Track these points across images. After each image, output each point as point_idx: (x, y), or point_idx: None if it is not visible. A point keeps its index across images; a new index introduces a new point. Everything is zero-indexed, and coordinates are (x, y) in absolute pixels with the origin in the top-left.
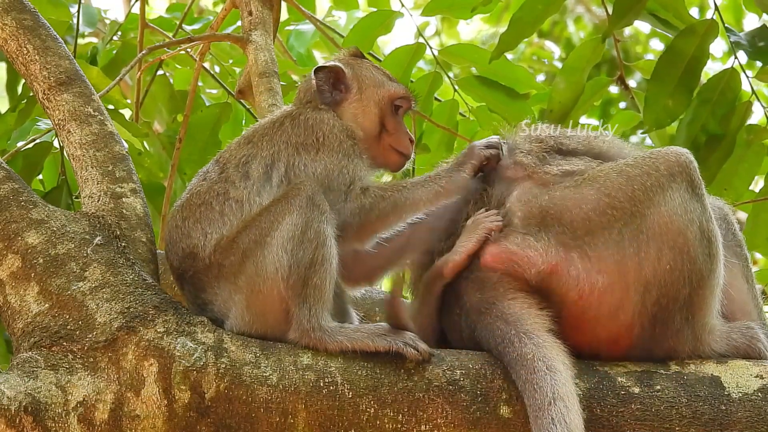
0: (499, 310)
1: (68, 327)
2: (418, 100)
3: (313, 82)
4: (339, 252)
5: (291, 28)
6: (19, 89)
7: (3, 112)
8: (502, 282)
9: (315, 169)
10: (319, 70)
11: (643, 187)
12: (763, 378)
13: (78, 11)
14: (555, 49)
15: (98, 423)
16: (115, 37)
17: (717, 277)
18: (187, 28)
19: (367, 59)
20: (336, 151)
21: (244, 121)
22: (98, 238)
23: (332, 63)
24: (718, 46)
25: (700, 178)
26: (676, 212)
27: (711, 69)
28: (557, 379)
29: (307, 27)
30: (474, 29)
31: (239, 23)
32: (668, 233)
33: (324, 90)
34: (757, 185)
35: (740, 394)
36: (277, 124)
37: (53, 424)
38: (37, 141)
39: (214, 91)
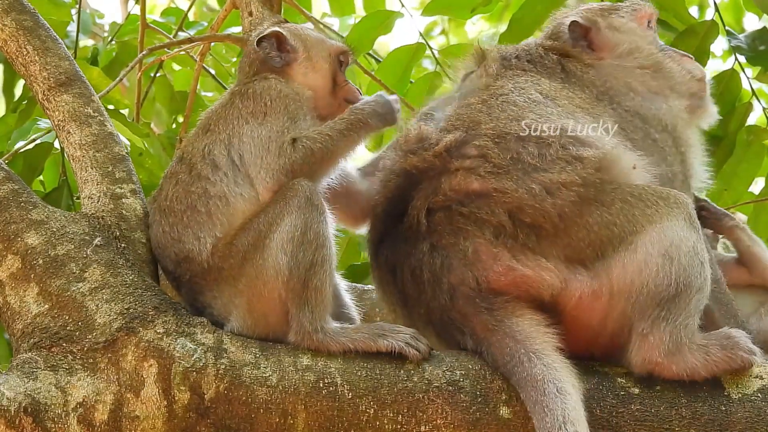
0: (507, 326)
1: (68, 328)
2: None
3: (259, 53)
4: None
5: None
6: (16, 91)
7: (2, 113)
8: (511, 302)
9: (260, 132)
10: (261, 39)
11: (643, 214)
12: (762, 378)
13: (78, 13)
14: None
15: (98, 424)
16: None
17: (704, 289)
18: (182, 34)
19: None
20: (282, 113)
21: None
22: (98, 239)
23: (271, 30)
24: (719, 44)
25: (697, 219)
26: (672, 229)
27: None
28: (567, 403)
29: None
30: (478, 29)
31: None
32: (661, 243)
33: (273, 56)
34: (756, 186)
35: (740, 395)
36: (228, 104)
37: (53, 425)
38: (38, 142)
39: (210, 94)
